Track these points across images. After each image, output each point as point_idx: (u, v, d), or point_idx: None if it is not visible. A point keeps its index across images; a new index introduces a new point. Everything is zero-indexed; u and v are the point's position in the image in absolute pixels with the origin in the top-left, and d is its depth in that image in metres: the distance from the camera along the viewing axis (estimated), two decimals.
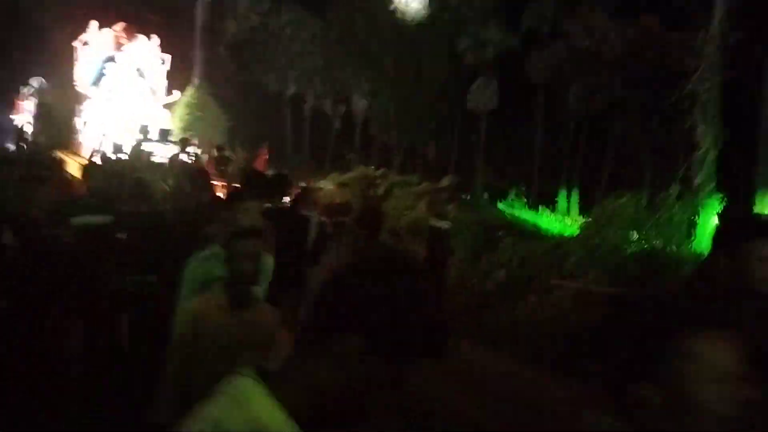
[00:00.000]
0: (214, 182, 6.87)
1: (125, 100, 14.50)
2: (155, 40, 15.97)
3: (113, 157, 10.37)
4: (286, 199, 6.46)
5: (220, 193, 6.34)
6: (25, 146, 12.85)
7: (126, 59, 15.12)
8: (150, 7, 17.18)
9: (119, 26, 15.43)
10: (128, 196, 4.75)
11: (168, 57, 16.34)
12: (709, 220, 8.16)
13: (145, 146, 11.77)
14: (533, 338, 6.57)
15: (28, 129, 16.57)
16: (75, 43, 15.20)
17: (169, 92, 16.80)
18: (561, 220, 14.74)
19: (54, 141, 12.84)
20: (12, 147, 13.34)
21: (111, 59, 14.95)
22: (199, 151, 11.33)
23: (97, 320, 3.57)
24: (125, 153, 10.98)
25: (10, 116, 23.03)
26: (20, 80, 19.64)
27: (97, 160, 9.00)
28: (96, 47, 14.93)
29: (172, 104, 16.65)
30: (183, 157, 10.64)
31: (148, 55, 15.64)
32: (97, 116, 13.92)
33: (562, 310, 6.91)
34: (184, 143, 11.09)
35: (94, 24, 15.08)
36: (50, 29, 21.58)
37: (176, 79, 17.86)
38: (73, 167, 10.80)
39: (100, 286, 3.69)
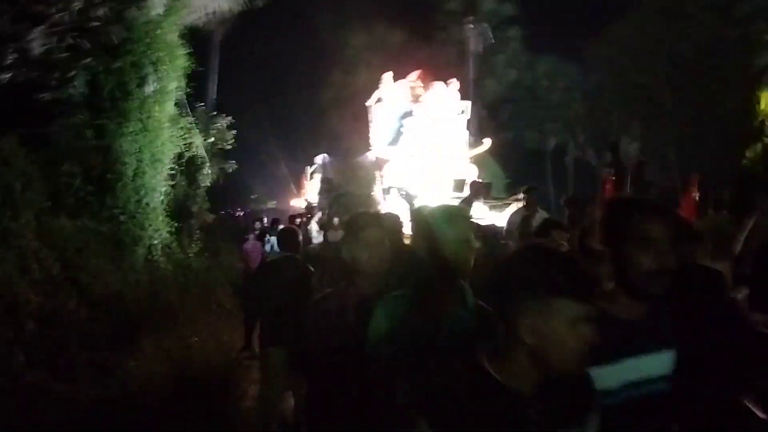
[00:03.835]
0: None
1: (428, 157, 12.62)
2: (455, 85, 13.72)
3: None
4: None
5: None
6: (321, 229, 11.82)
7: (424, 111, 13.06)
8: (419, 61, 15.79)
9: (414, 74, 13.66)
10: None
11: (468, 104, 13.99)
12: None
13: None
14: None
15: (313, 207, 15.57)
16: (368, 102, 13.93)
17: (478, 142, 14.67)
18: None
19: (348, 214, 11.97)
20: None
21: (408, 114, 13.13)
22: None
23: None
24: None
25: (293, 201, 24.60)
26: (306, 161, 21.10)
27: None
28: (391, 102, 13.36)
29: (478, 156, 13.99)
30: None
31: (447, 103, 13.41)
32: (399, 179, 12.07)
33: None
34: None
35: (388, 77, 13.55)
36: (332, 102, 23.86)
37: None
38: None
39: None
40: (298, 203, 24.77)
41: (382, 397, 1.93)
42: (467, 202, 6.76)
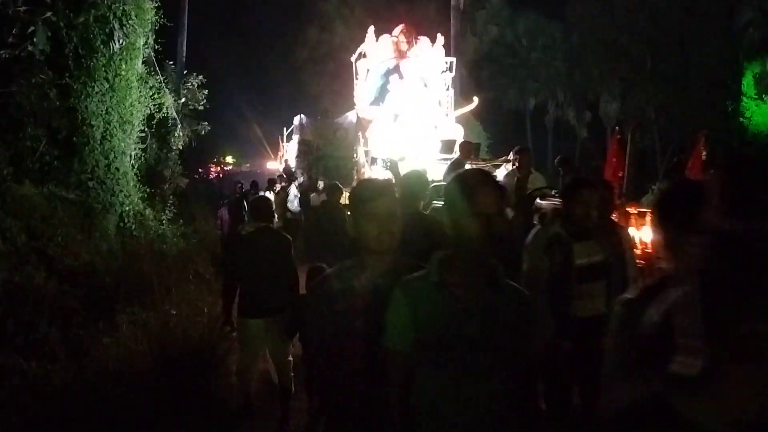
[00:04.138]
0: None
1: (413, 117, 11.76)
2: (440, 40, 12.85)
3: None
4: None
5: None
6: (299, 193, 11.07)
7: (409, 68, 12.15)
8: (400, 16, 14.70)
9: (398, 29, 12.56)
10: None
11: (453, 61, 13.08)
12: None
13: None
14: None
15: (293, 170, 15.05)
16: (353, 58, 12.89)
17: (469, 99, 13.60)
18: None
19: (331, 178, 10.35)
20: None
21: (393, 70, 12.21)
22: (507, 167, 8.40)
23: None
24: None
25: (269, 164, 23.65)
26: (282, 123, 20.39)
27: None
28: (375, 59, 12.41)
29: (477, 112, 13.74)
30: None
31: (432, 60, 12.63)
32: (384, 140, 11.36)
33: None
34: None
35: (371, 31, 12.54)
36: (308, 61, 22.96)
37: None
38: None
39: None
40: (273, 166, 24.23)
41: (399, 394, 1.72)
42: (458, 163, 6.50)
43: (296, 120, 16.23)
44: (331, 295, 1.97)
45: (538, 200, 5.07)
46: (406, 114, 11.77)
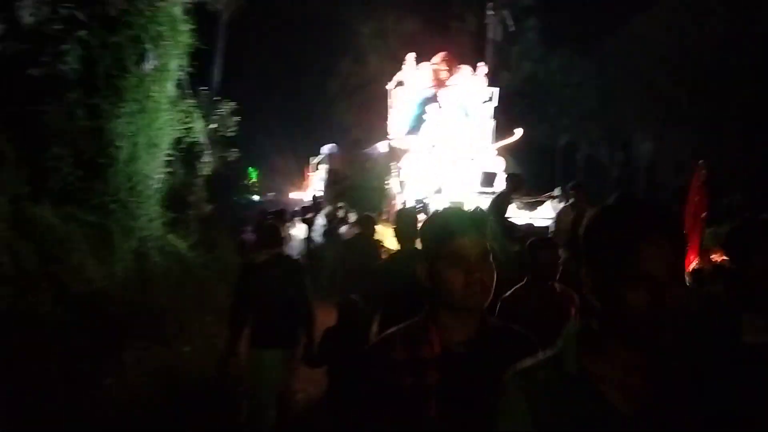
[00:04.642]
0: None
1: (451, 147, 11.19)
2: (482, 69, 12.31)
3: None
4: None
5: None
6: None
7: (449, 97, 11.63)
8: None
9: (438, 57, 12.14)
10: None
11: (496, 90, 12.40)
12: None
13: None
14: None
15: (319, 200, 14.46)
16: (389, 86, 12.28)
17: (509, 132, 12.75)
18: None
19: (360, 210, 9.75)
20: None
21: (431, 99, 11.67)
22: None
23: None
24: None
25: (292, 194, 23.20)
26: (311, 152, 20.11)
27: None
28: (413, 87, 11.87)
29: (508, 147, 12.30)
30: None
31: (474, 89, 12.01)
32: (419, 171, 10.81)
33: None
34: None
35: (410, 58, 12.02)
36: (340, 92, 22.89)
37: None
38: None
39: None
40: (297, 196, 24.01)
41: None
42: (504, 197, 5.99)
43: (325, 149, 16.03)
44: (394, 364, 1.46)
45: None
46: (443, 144, 11.29)
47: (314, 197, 15.32)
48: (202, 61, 11.57)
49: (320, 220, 11.01)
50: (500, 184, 9.85)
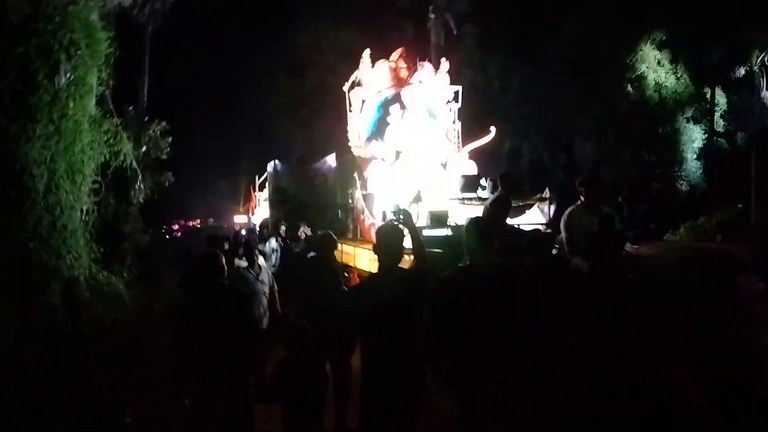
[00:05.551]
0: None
1: (420, 153, 10.21)
2: (444, 66, 11.23)
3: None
4: None
5: None
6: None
7: (413, 97, 10.62)
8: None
9: (397, 54, 11.03)
10: None
11: (460, 88, 11.39)
12: None
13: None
14: None
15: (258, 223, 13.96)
16: (345, 88, 10.97)
17: (483, 133, 11.53)
18: None
19: (313, 228, 8.89)
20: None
21: (394, 100, 10.65)
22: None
23: None
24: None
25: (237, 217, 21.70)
26: (251, 172, 18.94)
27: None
28: (371, 87, 10.75)
29: (477, 149, 11.17)
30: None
31: (438, 88, 11.00)
32: (388, 180, 9.84)
33: None
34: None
35: (366, 56, 10.83)
36: (279, 108, 21.63)
37: None
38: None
39: None
40: (241, 219, 22.64)
41: None
42: (502, 201, 5.24)
43: (270, 167, 14.84)
44: None
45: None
46: (411, 150, 10.33)
47: (263, 221, 14.24)
48: (129, 78, 10.49)
49: (271, 244, 9.94)
50: (482, 189, 9.15)
